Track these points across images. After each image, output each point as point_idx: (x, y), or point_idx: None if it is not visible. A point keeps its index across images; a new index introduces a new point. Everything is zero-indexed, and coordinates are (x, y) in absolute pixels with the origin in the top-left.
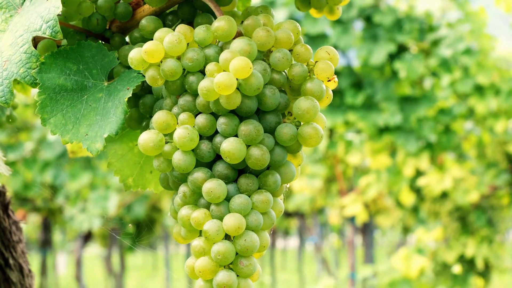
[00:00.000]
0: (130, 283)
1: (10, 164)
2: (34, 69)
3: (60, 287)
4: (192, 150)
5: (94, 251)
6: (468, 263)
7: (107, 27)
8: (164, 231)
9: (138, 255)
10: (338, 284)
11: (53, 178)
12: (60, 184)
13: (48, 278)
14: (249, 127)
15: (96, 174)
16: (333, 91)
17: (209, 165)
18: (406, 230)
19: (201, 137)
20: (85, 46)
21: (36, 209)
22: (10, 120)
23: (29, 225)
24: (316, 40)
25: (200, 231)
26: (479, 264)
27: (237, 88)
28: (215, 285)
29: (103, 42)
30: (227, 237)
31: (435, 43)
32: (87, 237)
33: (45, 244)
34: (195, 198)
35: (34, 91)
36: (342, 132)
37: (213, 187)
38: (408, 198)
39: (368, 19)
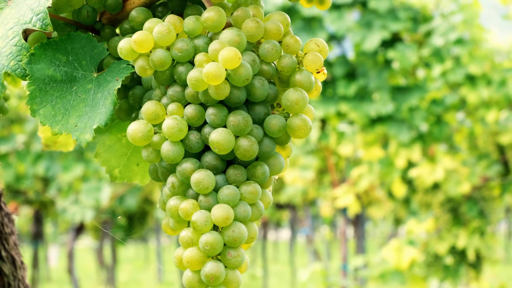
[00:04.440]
0: (122, 275)
1: (2, 156)
2: None
3: (52, 280)
4: (181, 140)
5: (86, 244)
6: (460, 255)
7: (97, 19)
8: (156, 223)
9: (130, 248)
10: (327, 270)
11: (46, 170)
12: (53, 176)
13: (40, 270)
14: (237, 118)
15: (88, 166)
16: (326, 81)
17: (198, 156)
18: (397, 221)
19: (189, 128)
20: (74, 37)
21: (28, 202)
22: (1, 112)
23: (21, 217)
24: (311, 23)
25: (189, 222)
26: (471, 255)
27: (226, 79)
28: (203, 276)
29: (93, 34)
30: (215, 228)
31: (428, 33)
32: (79, 229)
33: (37, 237)
34: (184, 189)
35: (25, 83)
36: (335, 123)
37: (201, 177)
38: (400, 190)
39: (363, 5)
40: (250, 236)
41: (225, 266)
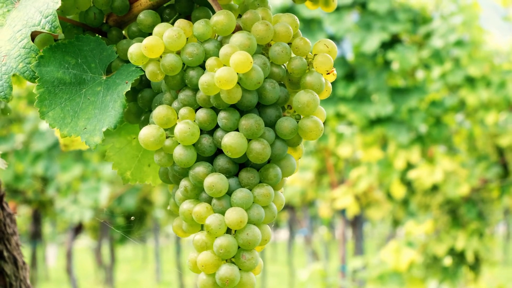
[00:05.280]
0: (120, 275)
1: (1, 156)
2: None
3: (50, 279)
4: (193, 144)
5: (84, 243)
6: (458, 256)
7: (104, 21)
8: (154, 223)
9: (128, 248)
10: (326, 271)
11: (44, 169)
12: (51, 176)
13: (38, 270)
14: (250, 121)
15: (87, 166)
16: None
17: (210, 160)
18: (396, 222)
19: (201, 132)
20: (83, 40)
21: (27, 201)
22: (4, 112)
23: (19, 217)
24: (311, 24)
25: (202, 225)
26: (469, 257)
27: (238, 83)
28: (218, 279)
29: (100, 36)
30: (229, 231)
31: (428, 35)
32: (78, 229)
33: (35, 236)
34: (197, 193)
35: (30, 83)
36: (334, 125)
37: (214, 181)
38: (399, 191)
39: (363, 6)
40: (264, 238)
41: (240, 269)
